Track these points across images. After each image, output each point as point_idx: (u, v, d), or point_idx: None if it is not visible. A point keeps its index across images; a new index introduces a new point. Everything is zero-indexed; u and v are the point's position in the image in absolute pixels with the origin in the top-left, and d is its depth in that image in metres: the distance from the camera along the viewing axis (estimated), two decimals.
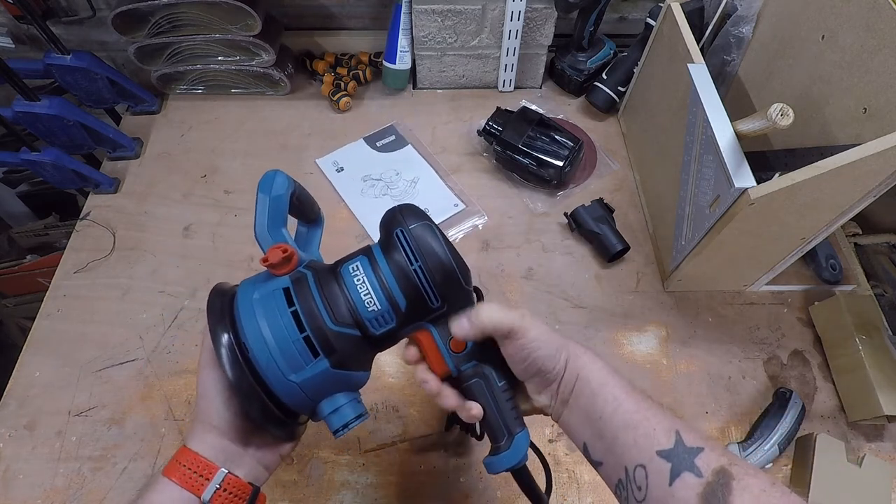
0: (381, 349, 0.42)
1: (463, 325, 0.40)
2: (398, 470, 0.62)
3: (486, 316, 0.39)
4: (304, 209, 0.47)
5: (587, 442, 0.40)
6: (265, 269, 0.40)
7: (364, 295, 0.39)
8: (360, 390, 0.43)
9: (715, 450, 0.34)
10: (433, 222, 0.40)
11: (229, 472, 0.38)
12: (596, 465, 0.39)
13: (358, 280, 0.39)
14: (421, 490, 0.61)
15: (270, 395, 0.38)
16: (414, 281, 0.38)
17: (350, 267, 0.40)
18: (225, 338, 0.37)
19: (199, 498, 0.37)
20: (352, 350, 0.39)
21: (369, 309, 0.39)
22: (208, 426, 0.39)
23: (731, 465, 0.33)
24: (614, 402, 0.38)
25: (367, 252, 0.41)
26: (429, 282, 0.39)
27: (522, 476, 0.43)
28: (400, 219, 0.39)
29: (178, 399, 0.66)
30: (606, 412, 0.38)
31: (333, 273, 0.40)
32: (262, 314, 0.38)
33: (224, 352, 0.37)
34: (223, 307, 0.39)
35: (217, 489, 0.37)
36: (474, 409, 0.42)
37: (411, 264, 0.38)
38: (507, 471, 0.42)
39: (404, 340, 0.43)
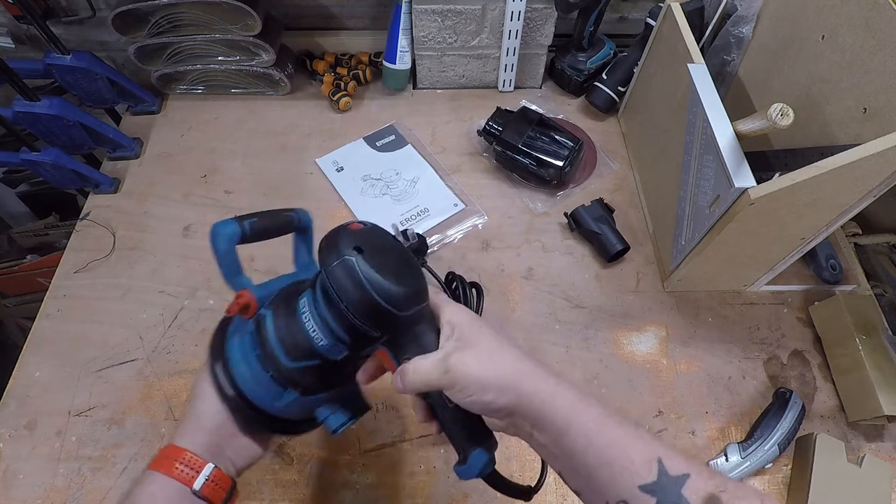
0: (353, 368, 0.44)
1: (396, 384, 0.40)
2: (398, 470, 0.62)
3: (410, 380, 0.39)
4: (275, 231, 0.47)
5: (562, 472, 0.38)
6: None
7: (312, 332, 0.41)
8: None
9: (702, 474, 0.32)
10: (357, 251, 0.39)
11: (216, 467, 0.41)
12: (576, 493, 0.37)
13: (305, 317, 0.41)
14: (421, 490, 0.61)
15: (269, 414, 0.43)
16: (347, 318, 0.39)
17: (301, 302, 0.42)
18: (220, 374, 0.43)
19: (192, 488, 0.40)
20: (317, 378, 0.42)
21: (319, 344, 0.41)
22: (200, 425, 0.42)
23: (721, 491, 0.31)
24: (584, 440, 0.35)
25: (314, 284, 0.42)
26: (358, 319, 0.39)
27: (492, 481, 0.43)
28: (324, 257, 0.39)
29: (178, 399, 0.66)
30: (578, 451, 0.35)
31: (291, 308, 0.42)
32: (240, 356, 0.43)
33: (223, 385, 0.43)
34: (220, 344, 0.44)
35: (206, 480, 0.40)
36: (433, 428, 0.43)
37: (340, 303, 0.38)
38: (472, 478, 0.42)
39: None
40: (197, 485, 0.40)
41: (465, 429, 0.41)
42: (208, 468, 0.40)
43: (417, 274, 0.42)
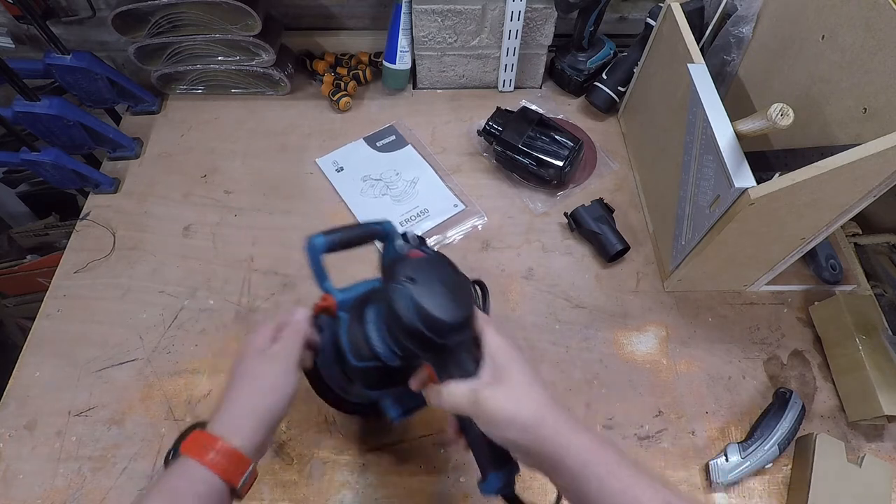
0: (408, 373, 0.49)
1: (430, 398, 0.45)
2: (398, 470, 0.62)
3: (444, 401, 0.43)
4: (359, 241, 0.52)
5: None
6: None
7: (373, 341, 0.47)
8: None
9: None
10: (410, 281, 0.43)
11: (255, 466, 0.42)
12: None
13: (370, 328, 0.48)
14: (421, 490, 0.61)
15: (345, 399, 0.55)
16: (397, 337, 0.45)
17: (369, 313, 0.48)
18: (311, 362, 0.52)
19: (235, 486, 0.40)
20: (377, 377, 0.50)
21: (378, 351, 0.47)
22: (264, 423, 0.42)
23: None
24: (597, 484, 0.37)
25: (380, 298, 0.48)
26: (405, 340, 0.44)
27: (511, 502, 0.46)
28: (384, 280, 0.46)
29: (178, 399, 0.66)
30: (591, 495, 0.37)
31: (361, 316, 0.49)
32: (323, 350, 0.52)
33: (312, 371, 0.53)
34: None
35: (245, 480, 0.41)
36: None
37: (392, 324, 0.45)
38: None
39: None
40: (240, 484, 0.40)
41: (489, 452, 0.44)
42: (250, 468, 0.41)
43: (464, 304, 0.45)
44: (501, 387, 0.41)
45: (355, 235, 0.51)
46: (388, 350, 0.47)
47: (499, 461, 0.44)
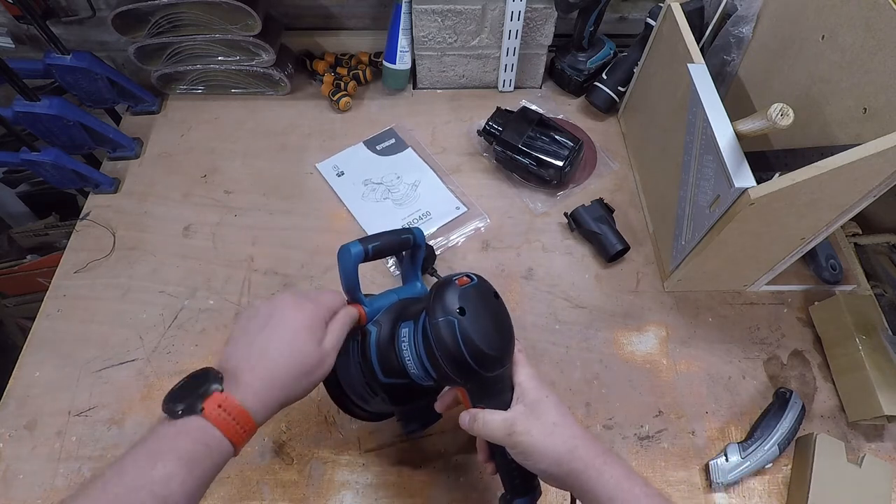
0: (435, 393, 0.51)
1: (464, 421, 0.46)
2: (398, 470, 0.62)
3: (478, 428, 0.45)
4: (392, 251, 0.52)
5: None
6: None
7: (407, 360, 0.47)
8: None
9: None
10: (460, 312, 0.44)
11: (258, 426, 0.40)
12: None
13: (404, 346, 0.47)
14: (421, 490, 0.61)
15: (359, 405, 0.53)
16: (437, 362, 0.45)
17: (402, 331, 0.48)
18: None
19: (239, 448, 0.39)
20: (402, 394, 0.50)
21: (411, 371, 0.47)
22: (275, 384, 0.41)
23: None
24: None
25: (417, 319, 0.47)
26: (448, 369, 0.44)
27: None
28: (431, 308, 0.45)
29: None
30: None
31: (393, 330, 0.49)
32: (343, 360, 0.49)
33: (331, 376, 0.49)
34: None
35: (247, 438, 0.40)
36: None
37: (436, 353, 0.44)
38: None
39: None
40: (242, 445, 0.39)
41: (516, 478, 0.47)
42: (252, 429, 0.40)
43: (508, 337, 0.47)
44: (536, 420, 0.43)
45: (389, 244, 0.50)
46: (422, 372, 0.47)
47: (526, 487, 0.47)
